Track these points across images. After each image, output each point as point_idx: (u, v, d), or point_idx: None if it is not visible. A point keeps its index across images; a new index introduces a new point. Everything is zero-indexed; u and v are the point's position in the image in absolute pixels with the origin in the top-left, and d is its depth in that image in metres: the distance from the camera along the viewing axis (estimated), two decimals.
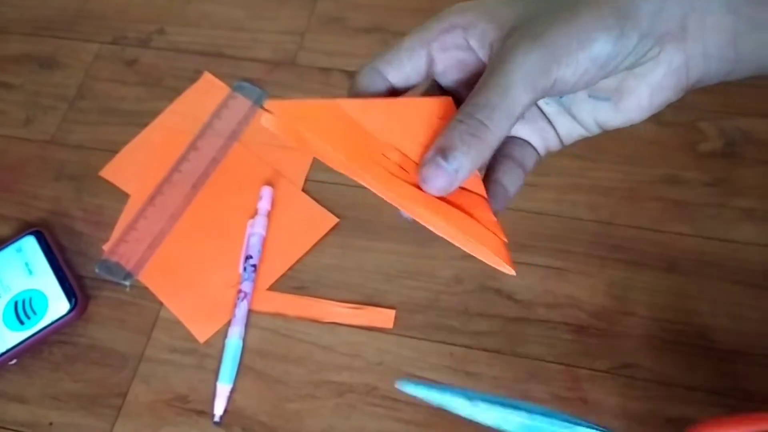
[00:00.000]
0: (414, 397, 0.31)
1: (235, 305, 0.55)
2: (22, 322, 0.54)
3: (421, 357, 0.53)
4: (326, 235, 0.58)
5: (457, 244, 0.29)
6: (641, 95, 0.30)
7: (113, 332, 0.55)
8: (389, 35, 0.67)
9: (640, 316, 0.53)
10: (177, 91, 0.66)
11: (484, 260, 0.29)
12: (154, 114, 0.65)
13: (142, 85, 0.67)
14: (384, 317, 0.54)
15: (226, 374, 0.52)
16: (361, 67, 0.32)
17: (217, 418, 0.51)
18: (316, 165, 0.61)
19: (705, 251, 0.55)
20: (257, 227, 0.57)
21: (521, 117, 0.28)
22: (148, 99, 0.66)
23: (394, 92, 0.32)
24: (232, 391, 0.52)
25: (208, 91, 0.65)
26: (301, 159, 0.61)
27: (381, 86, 0.31)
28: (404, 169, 0.29)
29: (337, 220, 0.58)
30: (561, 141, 0.34)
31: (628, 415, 0.50)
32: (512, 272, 0.29)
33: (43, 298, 0.55)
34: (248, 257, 0.56)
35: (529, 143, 0.34)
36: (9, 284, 0.56)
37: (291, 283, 0.56)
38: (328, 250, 0.57)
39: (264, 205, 0.58)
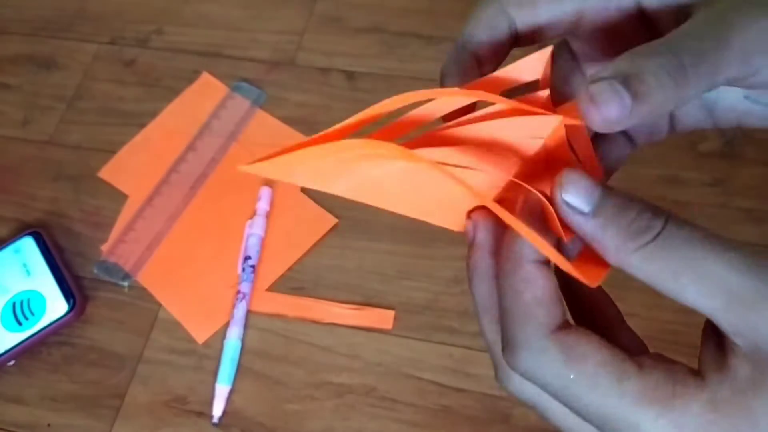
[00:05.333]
0: (416, 401, 0.30)
1: (233, 306, 0.55)
2: (20, 323, 0.54)
3: (421, 358, 0.52)
4: (325, 235, 0.58)
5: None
6: None
7: (112, 333, 0.55)
8: (388, 35, 0.67)
9: (640, 316, 0.53)
10: (175, 92, 0.65)
11: None
12: (153, 114, 0.64)
13: (141, 85, 0.67)
14: (383, 318, 0.54)
15: (224, 375, 0.52)
16: (482, 3, 0.27)
17: (215, 419, 0.51)
18: None
19: None
20: (256, 228, 0.57)
21: (703, 92, 0.23)
22: (146, 99, 0.66)
23: (514, 40, 0.27)
24: (230, 392, 0.52)
25: (207, 92, 0.65)
26: None
27: (504, 28, 0.26)
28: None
29: (336, 220, 0.58)
30: (673, 130, 0.30)
31: None
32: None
33: (42, 299, 0.55)
34: (247, 258, 0.56)
35: (632, 139, 0.30)
36: (7, 285, 0.56)
37: (290, 283, 0.56)
38: (327, 251, 0.57)
39: (263, 205, 0.58)
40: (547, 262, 0.24)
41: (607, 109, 0.22)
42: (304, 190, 0.60)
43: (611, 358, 0.22)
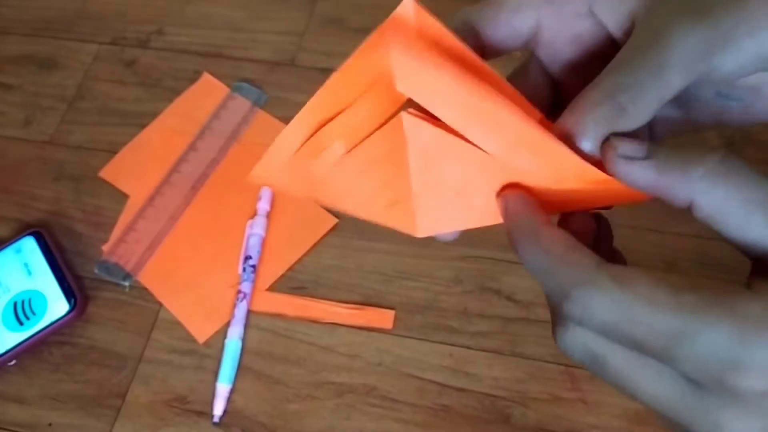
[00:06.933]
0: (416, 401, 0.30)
1: (234, 306, 0.55)
2: (21, 323, 0.54)
3: (421, 357, 0.53)
4: (325, 235, 0.58)
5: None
6: None
7: (112, 333, 0.55)
8: None
9: None
10: (176, 92, 0.66)
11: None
12: (153, 115, 0.65)
13: (141, 85, 0.67)
14: (383, 318, 0.54)
15: (225, 375, 0.52)
16: (454, 15, 0.28)
17: (216, 419, 0.51)
18: None
19: (705, 252, 0.55)
20: (256, 228, 0.57)
21: (655, 112, 0.24)
22: (147, 100, 0.66)
23: (483, 52, 0.28)
24: (231, 392, 0.52)
25: (207, 92, 0.65)
26: None
27: (471, 45, 0.27)
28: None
29: (336, 220, 0.58)
30: (652, 138, 0.29)
31: (628, 415, 0.50)
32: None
33: (43, 299, 0.55)
34: (247, 258, 0.56)
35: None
36: (8, 285, 0.56)
37: (290, 283, 0.56)
38: (327, 251, 0.57)
39: (263, 205, 0.58)
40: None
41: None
42: None
43: (662, 278, 0.22)
